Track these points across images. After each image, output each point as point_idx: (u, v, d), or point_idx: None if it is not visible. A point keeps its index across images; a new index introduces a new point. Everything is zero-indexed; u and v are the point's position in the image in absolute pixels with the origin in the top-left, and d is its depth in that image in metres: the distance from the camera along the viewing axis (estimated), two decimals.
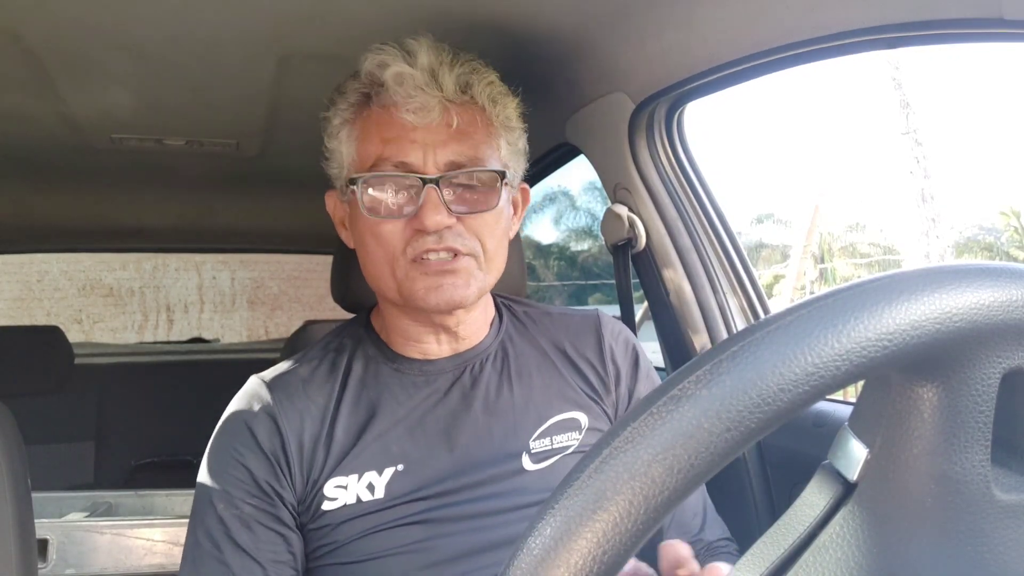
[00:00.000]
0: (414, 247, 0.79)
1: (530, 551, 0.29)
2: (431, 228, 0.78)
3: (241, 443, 0.81)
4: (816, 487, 0.33)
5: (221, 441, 0.83)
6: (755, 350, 0.29)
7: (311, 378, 0.86)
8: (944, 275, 0.31)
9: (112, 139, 1.56)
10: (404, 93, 0.79)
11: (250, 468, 0.80)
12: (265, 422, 0.82)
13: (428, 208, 0.78)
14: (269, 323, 9.19)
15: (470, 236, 0.81)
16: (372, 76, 0.81)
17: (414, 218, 0.79)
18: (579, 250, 16.78)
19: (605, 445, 0.30)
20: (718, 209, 1.29)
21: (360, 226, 0.83)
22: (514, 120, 0.87)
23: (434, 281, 0.80)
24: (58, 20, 1.03)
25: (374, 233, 0.81)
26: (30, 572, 0.96)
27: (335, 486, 0.81)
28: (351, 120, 0.85)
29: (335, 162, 0.87)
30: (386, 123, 0.81)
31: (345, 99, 0.85)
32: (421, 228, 0.78)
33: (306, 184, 2.01)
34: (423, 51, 0.80)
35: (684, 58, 1.08)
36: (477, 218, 0.82)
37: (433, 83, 0.79)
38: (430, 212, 0.78)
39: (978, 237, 16.80)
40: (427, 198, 0.78)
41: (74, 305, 8.92)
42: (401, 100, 0.79)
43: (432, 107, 0.79)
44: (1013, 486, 0.34)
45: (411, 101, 0.78)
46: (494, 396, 0.88)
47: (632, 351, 0.96)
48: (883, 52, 12.34)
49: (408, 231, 0.80)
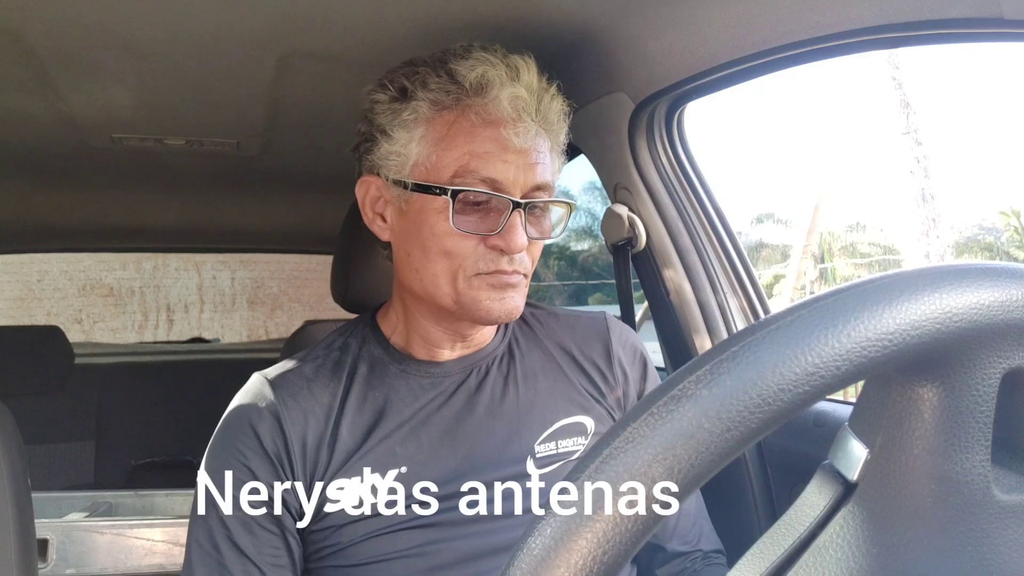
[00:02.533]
0: (487, 263, 0.80)
1: (530, 551, 0.29)
2: (516, 251, 0.79)
3: (243, 443, 0.81)
4: (816, 487, 0.33)
5: (223, 440, 0.83)
6: (755, 350, 0.29)
7: (315, 377, 0.85)
8: (944, 275, 0.31)
9: (112, 139, 1.56)
10: (514, 115, 0.78)
11: (252, 469, 0.80)
12: (268, 421, 0.81)
13: (515, 232, 0.78)
14: (269, 323, 9.19)
15: (529, 257, 0.83)
16: (476, 87, 0.79)
17: (495, 237, 0.79)
18: (579, 250, 16.79)
19: (605, 445, 0.30)
20: (718, 209, 1.29)
21: (426, 233, 0.80)
22: (563, 138, 0.88)
23: (498, 294, 0.80)
24: (58, 20, 1.03)
25: (444, 245, 0.80)
26: (30, 572, 0.96)
27: (338, 488, 0.80)
28: (429, 118, 0.80)
29: (395, 155, 0.82)
30: (481, 137, 0.79)
31: (426, 93, 0.80)
32: (503, 248, 0.79)
33: (306, 184, 2.02)
34: (528, 72, 0.80)
35: (684, 58, 1.08)
36: (540, 242, 0.84)
37: (537, 109, 0.80)
38: (516, 236, 0.78)
39: (978, 237, 16.80)
40: (514, 221, 0.79)
41: (74, 305, 8.93)
42: (510, 120, 0.78)
43: (532, 133, 0.79)
44: (1013, 486, 0.34)
45: (519, 125, 0.78)
46: (499, 399, 0.87)
47: (640, 358, 0.97)
48: (883, 52, 12.34)
49: (482, 248, 0.80)
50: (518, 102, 0.78)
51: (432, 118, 0.80)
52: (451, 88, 0.79)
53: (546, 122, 0.82)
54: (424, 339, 0.87)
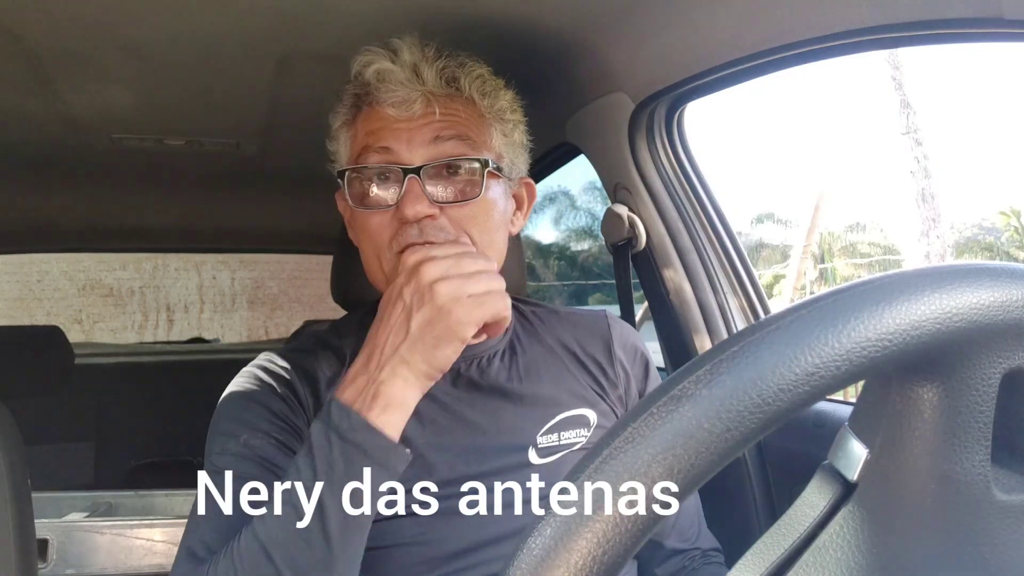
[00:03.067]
0: (398, 240, 0.80)
1: (530, 551, 0.29)
2: (411, 218, 0.78)
3: (257, 388, 0.83)
4: (816, 487, 0.33)
5: (235, 391, 0.84)
6: (755, 350, 0.29)
7: (320, 353, 0.88)
8: (944, 275, 0.31)
9: (112, 139, 1.56)
10: (386, 89, 0.81)
11: (268, 405, 0.81)
12: (280, 375, 0.84)
13: (408, 198, 0.78)
14: (269, 323, 9.19)
15: (454, 228, 0.81)
16: (359, 76, 0.83)
17: (397, 209, 0.80)
18: (579, 250, 16.80)
19: (606, 445, 0.30)
20: (718, 209, 1.29)
21: (353, 221, 0.85)
22: (508, 112, 0.87)
23: None
24: (58, 20, 1.03)
25: (363, 226, 0.83)
26: (30, 572, 0.96)
27: None
28: (348, 122, 0.87)
29: (337, 164, 0.88)
30: (372, 118, 0.83)
31: (342, 103, 0.87)
32: (403, 219, 0.79)
33: (306, 184, 2.01)
34: (405, 48, 0.82)
35: (684, 58, 1.08)
36: (461, 208, 0.81)
37: (415, 78, 0.81)
38: (410, 202, 0.78)
39: (978, 237, 16.80)
40: (408, 188, 0.79)
41: (74, 305, 8.93)
42: (384, 96, 0.81)
43: (414, 100, 0.80)
44: (1013, 486, 0.34)
45: (392, 95, 0.80)
46: (502, 390, 0.87)
47: (641, 357, 0.97)
48: (883, 52, 12.35)
49: (394, 224, 0.81)
50: (385, 75, 0.81)
51: (349, 121, 0.87)
52: (352, 89, 0.86)
53: (442, 89, 0.82)
54: None
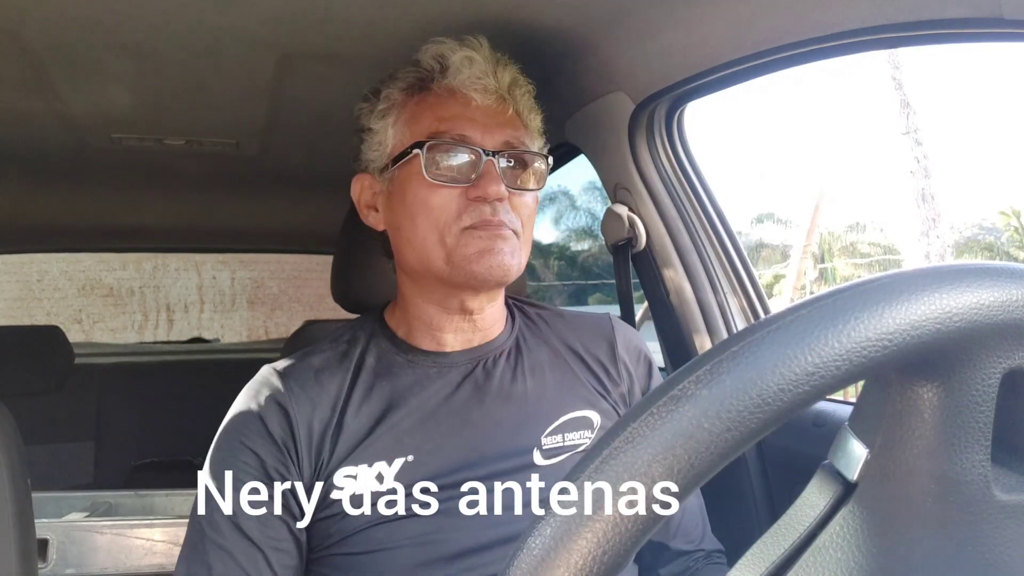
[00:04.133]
0: (471, 215, 0.82)
1: (530, 551, 0.29)
2: (491, 197, 0.81)
3: (251, 430, 0.82)
4: (816, 487, 0.33)
5: (231, 428, 0.84)
6: (755, 350, 0.29)
7: (323, 367, 0.87)
8: (944, 275, 0.31)
9: (112, 139, 1.56)
10: (472, 75, 0.83)
11: (259, 454, 0.81)
12: (275, 410, 0.83)
13: (489, 179, 0.82)
14: (269, 323, 9.19)
15: (514, 213, 0.85)
16: (439, 59, 0.85)
17: (472, 187, 0.82)
18: (579, 250, 16.79)
19: (605, 445, 0.30)
20: (718, 209, 1.29)
21: (409, 197, 0.85)
22: (540, 129, 0.92)
23: (487, 244, 0.82)
24: (58, 19, 1.03)
25: (426, 202, 0.83)
26: (30, 572, 0.96)
27: (344, 475, 0.81)
28: (401, 103, 0.87)
29: (376, 145, 0.89)
30: (445, 103, 0.85)
31: (396, 84, 0.88)
32: (481, 196, 0.81)
33: (306, 184, 2.02)
34: (483, 48, 0.86)
35: (684, 58, 1.08)
36: (523, 196, 0.86)
37: (494, 73, 0.85)
38: (491, 182, 0.81)
39: (978, 237, 16.79)
40: (487, 169, 0.82)
41: (74, 305, 8.93)
42: (468, 81, 0.83)
43: (493, 90, 0.84)
44: (1013, 486, 0.34)
45: (478, 82, 0.83)
46: (507, 390, 0.88)
47: (644, 358, 0.97)
48: (883, 52, 12.34)
49: (462, 201, 0.83)
50: (473, 64, 0.84)
51: (403, 102, 0.87)
52: (415, 72, 0.87)
53: (507, 91, 0.86)
54: (428, 325, 0.88)
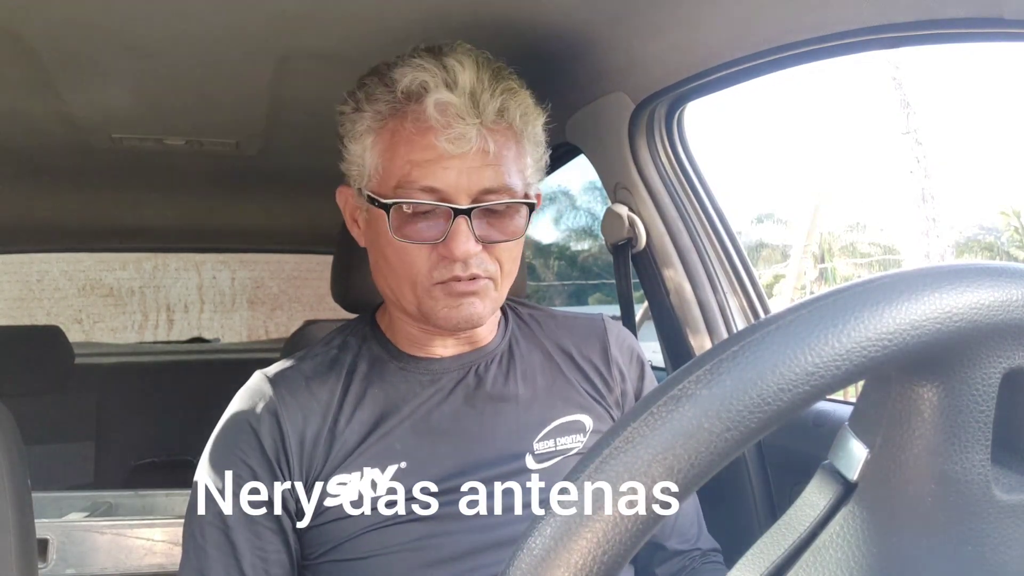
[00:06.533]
0: (440, 272, 0.79)
1: (530, 551, 0.29)
2: (460, 258, 0.78)
3: (243, 440, 0.81)
4: (816, 487, 0.33)
5: (223, 438, 0.83)
6: (755, 350, 0.29)
7: (314, 375, 0.86)
8: (944, 275, 0.31)
9: (112, 139, 1.56)
10: (444, 122, 0.75)
11: (251, 466, 0.80)
12: (267, 419, 0.82)
13: (458, 238, 0.77)
14: (269, 323, 9.20)
15: (492, 261, 0.81)
16: (409, 95, 0.78)
17: (442, 245, 0.78)
18: (579, 250, 16.79)
19: (605, 445, 0.30)
20: (718, 209, 1.29)
21: (382, 241, 0.81)
22: (540, 136, 0.85)
23: (455, 302, 0.80)
24: (58, 20, 1.03)
25: (400, 257, 0.80)
26: (30, 572, 0.96)
27: (338, 483, 0.81)
28: (377, 130, 0.81)
29: (355, 165, 0.84)
30: (419, 146, 0.77)
31: (373, 106, 0.81)
32: (449, 256, 0.78)
33: (306, 184, 2.01)
34: (465, 72, 0.77)
35: (684, 58, 1.08)
36: (507, 245, 0.82)
37: (474, 111, 0.77)
38: (460, 242, 0.77)
39: (978, 237, 16.78)
40: (457, 228, 0.77)
41: (74, 305, 8.93)
42: (440, 128, 0.76)
43: (470, 137, 0.76)
44: (1013, 486, 0.34)
45: (450, 131, 0.75)
46: (499, 396, 0.88)
47: (637, 359, 0.97)
48: (883, 52, 12.34)
49: (434, 256, 0.79)
50: (448, 108, 0.75)
51: (378, 128, 0.80)
52: (389, 98, 0.79)
53: (495, 121, 0.78)
54: (410, 339, 0.88)
